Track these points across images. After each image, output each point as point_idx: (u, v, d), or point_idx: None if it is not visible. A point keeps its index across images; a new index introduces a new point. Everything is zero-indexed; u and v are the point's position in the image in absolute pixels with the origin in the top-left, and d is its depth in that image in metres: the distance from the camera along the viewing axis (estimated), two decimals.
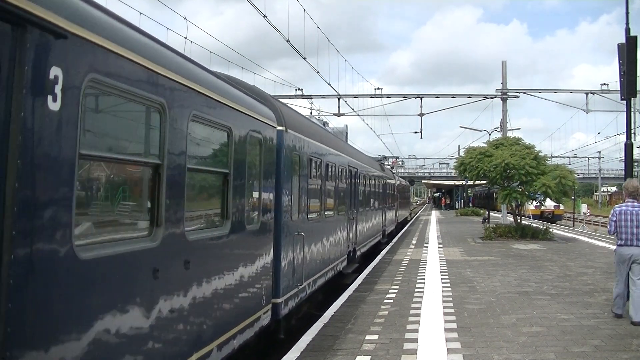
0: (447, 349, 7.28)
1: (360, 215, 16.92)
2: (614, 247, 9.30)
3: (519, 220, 25.22)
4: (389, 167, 37.16)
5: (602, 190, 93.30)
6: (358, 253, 16.46)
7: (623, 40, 10.75)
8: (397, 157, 54.73)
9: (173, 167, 4.73)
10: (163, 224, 4.54)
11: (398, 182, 35.41)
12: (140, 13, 16.53)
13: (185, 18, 17.10)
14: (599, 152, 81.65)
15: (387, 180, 26.89)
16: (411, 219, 48.21)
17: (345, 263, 13.99)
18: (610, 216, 9.23)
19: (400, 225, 35.81)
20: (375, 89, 36.13)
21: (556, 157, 67.29)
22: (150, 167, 4.53)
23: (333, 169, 12.47)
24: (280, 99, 13.38)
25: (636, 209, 8.87)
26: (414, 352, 7.19)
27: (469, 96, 36.46)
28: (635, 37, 10.53)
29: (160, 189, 4.52)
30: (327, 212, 11.68)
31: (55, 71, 3.22)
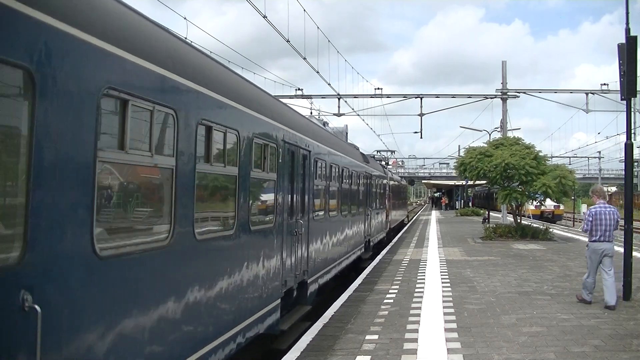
0: (447, 349, 7.28)
1: (317, 225, 11.09)
2: (588, 242, 10.53)
3: (519, 220, 25.23)
4: (381, 162, 30.50)
5: None
6: (312, 288, 10.54)
7: (625, 41, 10.74)
8: (393, 151, 46.34)
9: None
10: None
11: (391, 180, 30.91)
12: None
13: (185, 18, 17.07)
14: (599, 152, 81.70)
15: (375, 177, 21.61)
16: (409, 221, 44.35)
17: (276, 315, 8.06)
18: (587, 217, 10.39)
19: (395, 230, 31.49)
20: (375, 89, 36.16)
21: (556, 157, 67.45)
22: None
23: (236, 142, 6.54)
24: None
25: (607, 209, 10.18)
26: (414, 352, 7.19)
27: (469, 96, 36.45)
28: (635, 37, 10.51)
29: None
30: (212, 229, 6.06)
31: None
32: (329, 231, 12.34)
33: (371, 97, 36.12)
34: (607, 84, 33.89)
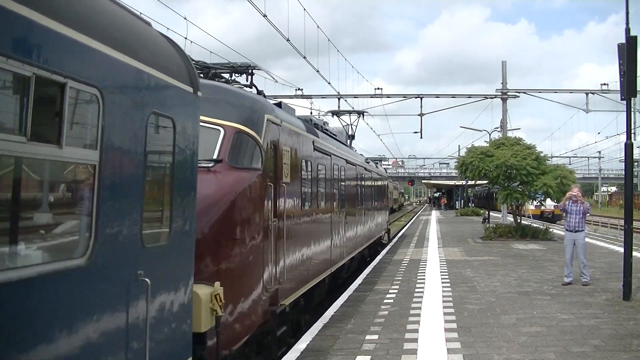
0: (447, 349, 7.28)
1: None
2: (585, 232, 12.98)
3: (519, 220, 25.23)
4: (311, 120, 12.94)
5: (602, 190, 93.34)
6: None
7: (625, 41, 10.73)
8: (362, 113, 24.16)
9: None
10: None
11: (332, 156, 12.27)
12: (140, 13, 16.43)
13: (185, 18, 17.09)
14: (599, 152, 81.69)
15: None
16: (393, 236, 27.33)
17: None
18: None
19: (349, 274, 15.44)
20: (376, 89, 36.13)
21: (556, 157, 67.28)
22: None
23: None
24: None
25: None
26: (414, 352, 7.19)
27: (469, 96, 36.45)
28: (635, 37, 10.50)
29: None
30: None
31: None
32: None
33: (371, 97, 36.11)
34: (607, 84, 33.88)
